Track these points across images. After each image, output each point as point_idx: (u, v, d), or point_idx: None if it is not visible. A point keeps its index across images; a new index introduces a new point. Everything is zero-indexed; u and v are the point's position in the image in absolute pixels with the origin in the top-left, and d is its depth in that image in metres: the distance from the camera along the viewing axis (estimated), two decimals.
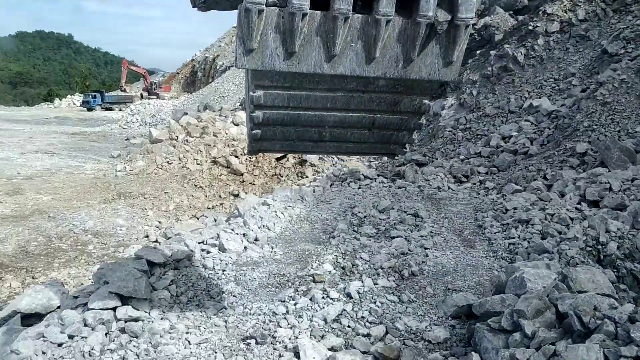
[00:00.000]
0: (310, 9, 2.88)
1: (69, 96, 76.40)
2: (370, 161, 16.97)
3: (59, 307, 7.04)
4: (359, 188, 11.56)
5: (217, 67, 59.79)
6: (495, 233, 8.18)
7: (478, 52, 20.74)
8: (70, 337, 4.67)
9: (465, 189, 11.23)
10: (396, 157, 4.46)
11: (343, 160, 17.46)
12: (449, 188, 11.23)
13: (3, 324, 7.19)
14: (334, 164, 17.52)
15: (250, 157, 18.95)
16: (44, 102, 78.22)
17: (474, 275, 6.78)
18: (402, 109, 3.58)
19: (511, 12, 23.22)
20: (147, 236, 13.60)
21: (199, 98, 47.06)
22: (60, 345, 4.58)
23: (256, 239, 7.78)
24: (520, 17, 21.77)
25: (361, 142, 3.83)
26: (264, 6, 2.81)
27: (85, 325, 4.84)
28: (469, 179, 11.93)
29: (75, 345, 4.58)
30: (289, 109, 3.37)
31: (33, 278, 10.69)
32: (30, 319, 7.24)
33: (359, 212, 8.96)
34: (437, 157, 14.37)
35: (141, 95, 57.18)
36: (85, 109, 60.29)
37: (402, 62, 3.17)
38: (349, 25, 2.98)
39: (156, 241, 12.96)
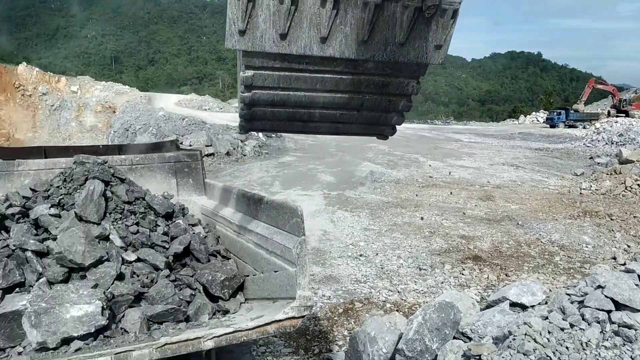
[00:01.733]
0: None
1: (533, 113, 79.75)
2: None
3: (545, 302, 7.97)
4: None
5: None
6: None
7: None
8: (571, 325, 5.39)
9: None
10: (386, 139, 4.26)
11: None
12: None
13: (494, 305, 8.68)
14: None
15: None
16: (508, 118, 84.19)
17: None
18: (391, 91, 3.58)
19: None
20: (614, 258, 13.29)
21: None
22: (562, 329, 5.36)
23: None
24: None
25: (350, 122, 3.86)
26: None
27: (583, 319, 5.47)
28: None
29: (575, 334, 5.27)
30: (279, 89, 3.43)
31: (506, 275, 12.11)
32: (515, 306, 8.47)
33: None
34: None
35: (609, 112, 54.44)
36: (548, 125, 61.61)
37: (390, 45, 3.18)
38: (338, 8, 3.00)
39: (624, 264, 12.53)
